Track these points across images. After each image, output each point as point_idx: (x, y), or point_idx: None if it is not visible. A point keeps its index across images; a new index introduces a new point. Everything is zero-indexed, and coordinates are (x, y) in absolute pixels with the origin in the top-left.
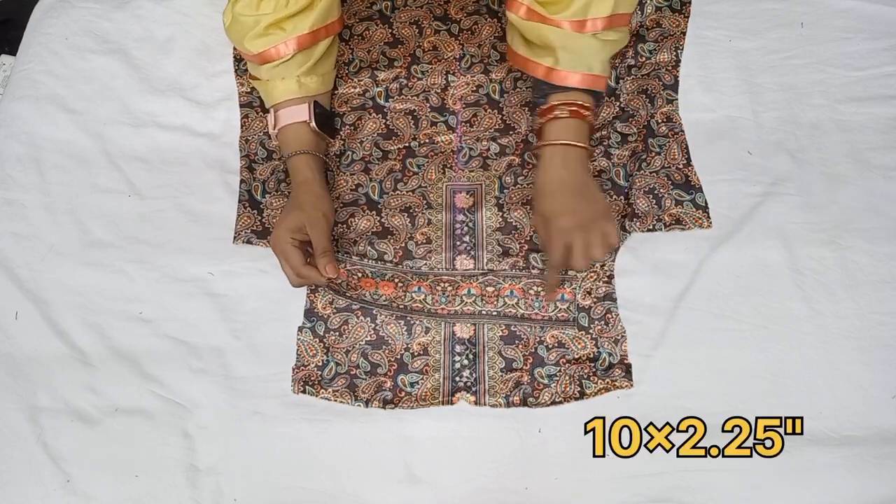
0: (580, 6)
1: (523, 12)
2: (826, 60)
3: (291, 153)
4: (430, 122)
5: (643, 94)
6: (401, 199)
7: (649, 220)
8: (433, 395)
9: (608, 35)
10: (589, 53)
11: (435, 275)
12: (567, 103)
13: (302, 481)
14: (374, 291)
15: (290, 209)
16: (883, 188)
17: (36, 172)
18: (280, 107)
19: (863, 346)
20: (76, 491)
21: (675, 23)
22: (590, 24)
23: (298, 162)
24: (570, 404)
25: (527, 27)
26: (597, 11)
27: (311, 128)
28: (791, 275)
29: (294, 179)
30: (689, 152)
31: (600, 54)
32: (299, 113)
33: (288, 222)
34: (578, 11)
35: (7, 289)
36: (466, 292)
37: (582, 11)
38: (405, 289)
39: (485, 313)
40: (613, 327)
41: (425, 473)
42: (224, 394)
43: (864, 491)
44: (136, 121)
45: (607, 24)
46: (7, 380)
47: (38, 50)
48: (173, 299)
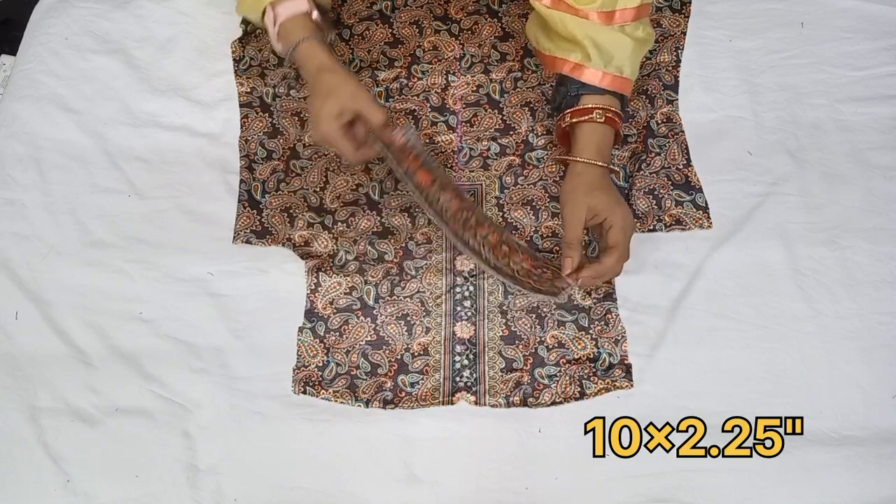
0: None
1: (548, 1)
2: (826, 60)
3: (298, 41)
4: (431, 122)
5: (643, 95)
6: (401, 199)
7: (649, 221)
8: (433, 395)
9: (636, 31)
10: (620, 53)
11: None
12: (603, 108)
13: (302, 481)
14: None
15: (320, 98)
16: (883, 188)
17: (36, 172)
18: (277, 3)
19: (863, 346)
20: (76, 491)
21: (676, 23)
22: (619, 14)
23: (309, 49)
24: (571, 404)
25: (553, 17)
26: (626, 1)
27: (312, 19)
28: (791, 275)
29: (308, 69)
30: (689, 152)
31: (631, 55)
32: (298, 4)
33: (327, 110)
34: (608, 1)
35: (7, 289)
36: (484, 235)
37: (612, 1)
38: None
39: (485, 258)
40: (613, 328)
41: (425, 473)
42: (224, 394)
43: (864, 491)
44: (137, 121)
45: (636, 15)
46: (7, 380)
47: (38, 50)
48: (173, 299)
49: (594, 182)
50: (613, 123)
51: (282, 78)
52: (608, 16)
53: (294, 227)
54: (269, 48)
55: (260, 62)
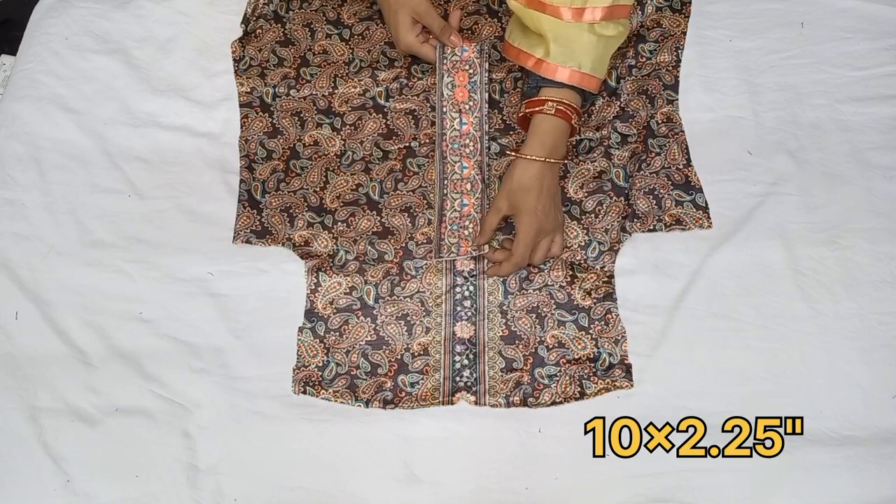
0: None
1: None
2: (826, 60)
3: None
4: (431, 122)
5: (643, 95)
6: (401, 199)
7: (650, 221)
8: (433, 395)
9: (606, 29)
10: (580, 49)
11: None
12: (556, 100)
13: (302, 481)
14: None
15: (396, 13)
16: (883, 188)
17: (36, 172)
18: None
19: (863, 346)
20: (76, 491)
21: (676, 23)
22: (588, 12)
23: None
24: (571, 404)
25: (526, 15)
26: (597, 1)
27: None
28: (791, 275)
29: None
30: (689, 152)
31: (593, 51)
32: None
33: (404, 24)
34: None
35: (7, 289)
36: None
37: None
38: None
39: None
40: (614, 327)
41: (425, 473)
42: (224, 394)
43: (865, 491)
44: (137, 121)
45: (607, 15)
46: (7, 380)
47: (38, 50)
48: (173, 299)
49: (526, 181)
50: (565, 116)
51: (282, 78)
52: (578, 12)
53: (294, 227)
54: (269, 48)
55: (260, 62)
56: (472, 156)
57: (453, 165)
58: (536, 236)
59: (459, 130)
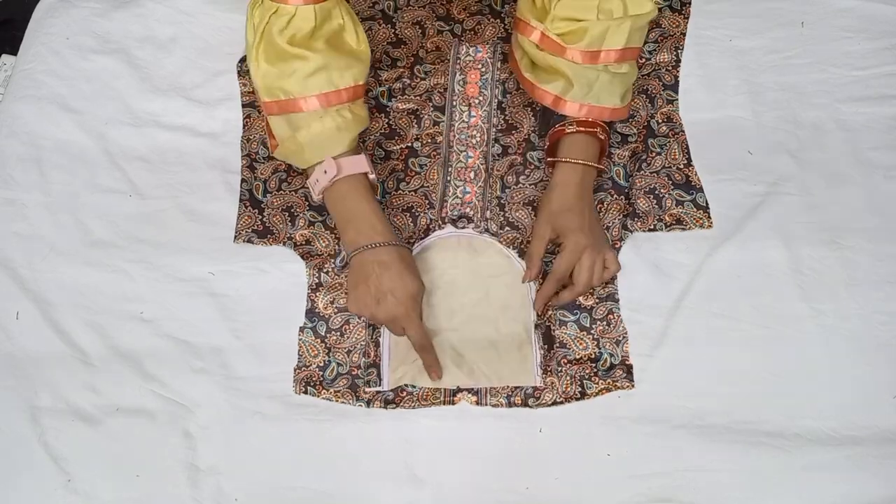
0: (596, 35)
1: (537, 37)
2: (827, 60)
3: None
4: (433, 122)
5: (643, 95)
6: (403, 199)
7: (650, 220)
8: (435, 395)
9: (619, 69)
10: (599, 86)
11: None
12: (576, 119)
13: (303, 481)
14: None
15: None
16: (884, 188)
17: (37, 172)
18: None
19: (864, 346)
20: (77, 491)
21: (675, 23)
22: (603, 55)
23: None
24: (571, 404)
25: (538, 56)
26: (612, 43)
27: (370, 179)
28: (792, 274)
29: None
30: (689, 152)
31: (610, 87)
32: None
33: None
34: (594, 42)
35: (8, 288)
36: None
37: (598, 42)
38: None
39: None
40: (615, 328)
41: (426, 473)
42: (225, 394)
43: (865, 491)
44: (138, 120)
45: (620, 57)
46: (8, 380)
47: (39, 50)
48: (174, 299)
49: (567, 200)
50: (588, 131)
51: None
52: (593, 56)
53: (295, 227)
54: None
55: None
56: (479, 146)
57: (458, 154)
58: (578, 252)
59: (468, 122)
